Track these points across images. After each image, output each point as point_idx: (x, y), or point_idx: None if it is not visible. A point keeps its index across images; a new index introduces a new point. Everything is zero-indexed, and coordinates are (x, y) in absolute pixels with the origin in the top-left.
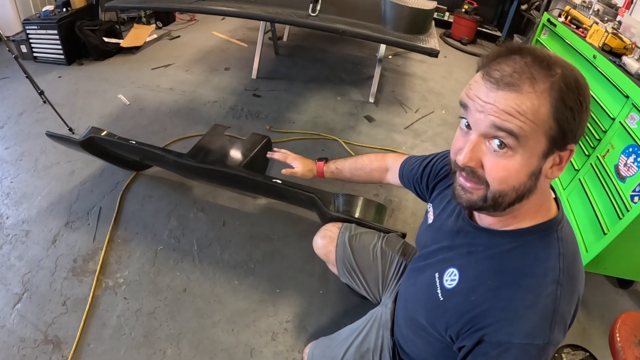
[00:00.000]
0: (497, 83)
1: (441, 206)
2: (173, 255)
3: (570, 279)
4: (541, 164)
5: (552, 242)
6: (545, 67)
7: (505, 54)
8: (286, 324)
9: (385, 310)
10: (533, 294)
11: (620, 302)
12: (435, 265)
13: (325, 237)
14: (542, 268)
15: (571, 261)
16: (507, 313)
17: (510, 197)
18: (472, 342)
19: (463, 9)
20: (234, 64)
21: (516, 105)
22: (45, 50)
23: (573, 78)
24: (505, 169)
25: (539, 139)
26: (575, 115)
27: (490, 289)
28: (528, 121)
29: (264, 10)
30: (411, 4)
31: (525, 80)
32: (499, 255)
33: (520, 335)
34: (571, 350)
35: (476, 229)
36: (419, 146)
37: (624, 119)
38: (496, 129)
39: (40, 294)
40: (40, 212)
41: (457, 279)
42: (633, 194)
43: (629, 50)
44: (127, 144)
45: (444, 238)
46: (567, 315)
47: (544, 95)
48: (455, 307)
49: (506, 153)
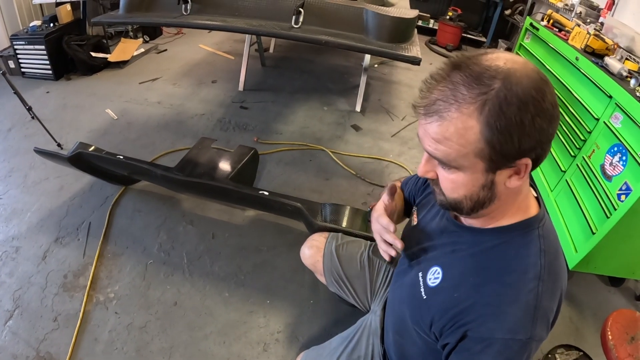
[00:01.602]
0: (426, 110)
1: (426, 208)
2: (163, 269)
3: (551, 276)
4: (490, 178)
5: (534, 239)
6: (478, 85)
7: (443, 73)
8: (277, 334)
9: (374, 318)
10: (515, 289)
11: (612, 301)
12: (419, 265)
13: (312, 247)
14: (523, 264)
15: (553, 258)
16: (490, 309)
17: (467, 205)
18: (456, 338)
19: (447, 16)
20: (221, 76)
21: (441, 132)
22: (33, 65)
23: (513, 93)
24: (452, 182)
25: (473, 160)
26: (513, 133)
27: (473, 286)
28: (455, 146)
29: (248, 23)
30: (393, 14)
31: (449, 106)
32: (482, 252)
33: (503, 330)
34: (565, 350)
35: (460, 228)
36: (407, 153)
37: (608, 119)
38: (432, 156)
39: (32, 310)
40: (30, 228)
41: (441, 277)
42: (620, 192)
43: (611, 51)
44: (114, 159)
45: (428, 238)
46: (549, 311)
47: (472, 118)
48: (438, 305)
49: (450, 170)
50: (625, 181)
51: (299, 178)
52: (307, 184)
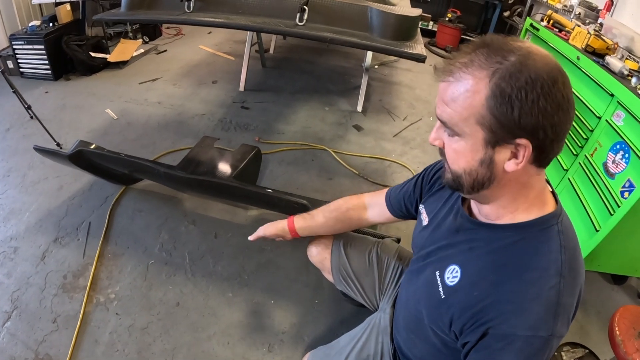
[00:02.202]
0: (442, 73)
1: (437, 207)
2: (165, 269)
3: (572, 272)
4: (490, 153)
5: (553, 235)
6: (496, 56)
7: (472, 46)
8: (282, 334)
9: (383, 316)
10: (537, 286)
11: (616, 298)
12: (435, 263)
13: (320, 244)
14: (544, 261)
15: (572, 254)
16: (511, 306)
17: (466, 180)
18: (476, 336)
19: (447, 18)
20: (222, 77)
21: (451, 93)
22: (32, 65)
23: (525, 68)
24: (454, 152)
25: (474, 127)
26: (514, 106)
27: (492, 283)
28: (459, 109)
29: (252, 20)
30: (397, 12)
31: (465, 68)
32: (500, 249)
33: (524, 327)
34: (571, 348)
35: (476, 225)
36: (409, 153)
37: (610, 117)
38: (439, 119)
39: (30, 311)
40: (28, 228)
41: (459, 276)
42: (623, 189)
43: (611, 50)
44: (116, 157)
45: (442, 237)
46: (569, 308)
47: (482, 82)
48: (458, 304)
49: (453, 138)
50: (629, 178)
51: (301, 177)
52: (309, 183)
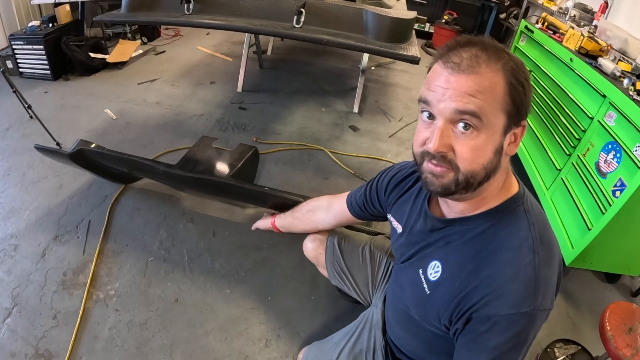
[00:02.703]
0: (458, 67)
1: (405, 213)
2: (164, 266)
3: (544, 245)
4: (502, 140)
5: (520, 214)
6: (495, 52)
7: (460, 45)
8: (279, 330)
9: (376, 311)
10: (512, 266)
11: (608, 297)
12: (417, 263)
13: (315, 240)
14: (516, 240)
15: (542, 228)
16: (491, 289)
17: (480, 176)
18: (462, 323)
19: (443, 20)
20: (219, 77)
21: (476, 85)
22: (31, 65)
23: (518, 60)
24: (474, 149)
25: (499, 115)
26: (525, 91)
27: (471, 272)
28: (487, 99)
29: (250, 22)
30: (392, 14)
31: (482, 62)
32: (474, 238)
33: (506, 306)
34: (563, 344)
35: (448, 222)
36: (404, 153)
37: (602, 118)
38: (460, 113)
39: (30, 307)
40: (28, 226)
41: (441, 270)
42: (614, 188)
43: (604, 52)
44: (117, 156)
45: (419, 240)
46: (549, 280)
47: (499, 74)
48: (442, 297)
49: (472, 133)
50: (620, 177)
51: (298, 177)
52: (306, 183)
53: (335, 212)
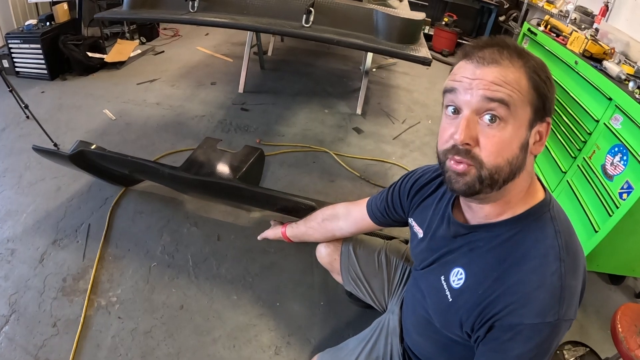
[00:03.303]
0: (482, 61)
1: (427, 218)
2: (168, 272)
3: (570, 254)
4: (528, 136)
5: (547, 222)
6: (519, 53)
7: (483, 44)
8: (289, 337)
9: (392, 317)
10: (538, 274)
11: (614, 298)
12: (439, 269)
13: (329, 246)
14: (542, 248)
15: (568, 237)
16: (516, 297)
17: (505, 172)
18: (484, 330)
19: (443, 22)
20: (220, 78)
21: (502, 77)
22: (28, 64)
23: (539, 60)
24: (500, 141)
25: (526, 108)
26: (549, 86)
27: (495, 279)
28: (515, 90)
29: (257, 21)
30: (402, 15)
31: (505, 58)
32: (500, 245)
33: (531, 315)
34: (572, 346)
35: (472, 228)
36: (408, 156)
37: (608, 121)
38: (488, 101)
39: (29, 315)
40: (26, 229)
41: (464, 277)
42: (621, 191)
43: (608, 55)
44: (119, 157)
45: (441, 246)
46: (574, 290)
47: (521, 70)
48: (465, 304)
49: (499, 125)
50: (627, 180)
51: (303, 179)
52: (312, 185)
53: (354, 220)
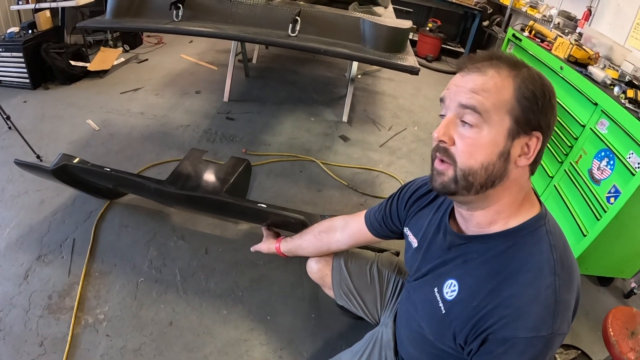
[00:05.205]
0: (468, 71)
1: (422, 228)
2: (155, 287)
3: (565, 269)
4: (508, 146)
5: (542, 236)
6: (512, 65)
7: (479, 57)
8: (281, 351)
9: (386, 330)
10: (533, 288)
11: (603, 300)
12: (432, 281)
13: (320, 261)
14: (537, 262)
15: (563, 251)
16: (510, 310)
17: (481, 177)
18: (478, 343)
19: (428, 27)
20: (205, 86)
21: (480, 85)
22: (9, 73)
23: (537, 74)
24: (473, 143)
25: (503, 117)
26: (538, 100)
27: (490, 292)
28: (491, 97)
29: (243, 30)
30: (389, 24)
31: (492, 68)
32: (494, 257)
33: (525, 329)
34: (564, 350)
35: (467, 239)
36: (396, 163)
37: (594, 125)
38: (462, 107)
39: (15, 334)
40: (9, 245)
41: (457, 289)
42: (609, 195)
43: (593, 60)
44: (103, 172)
45: (435, 257)
46: (568, 304)
47: (508, 80)
48: (458, 316)
49: (472, 129)
50: (614, 184)
51: (290, 190)
52: (299, 195)
53: (351, 232)
